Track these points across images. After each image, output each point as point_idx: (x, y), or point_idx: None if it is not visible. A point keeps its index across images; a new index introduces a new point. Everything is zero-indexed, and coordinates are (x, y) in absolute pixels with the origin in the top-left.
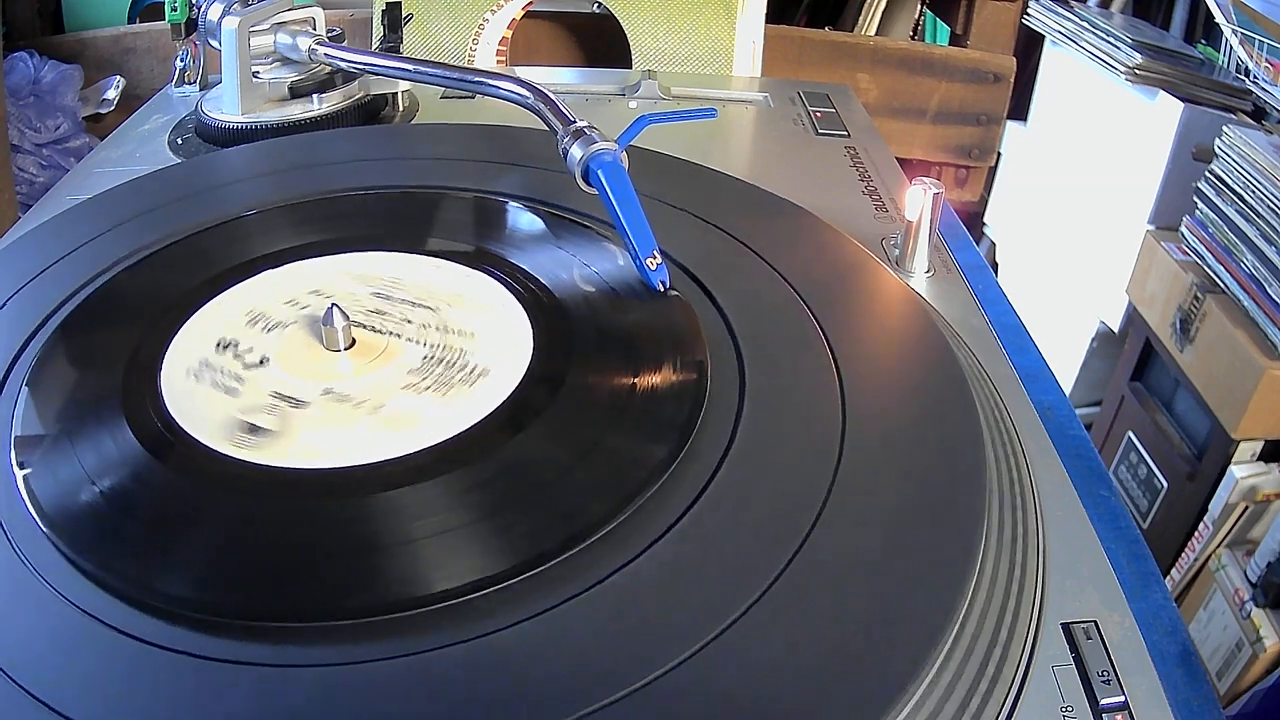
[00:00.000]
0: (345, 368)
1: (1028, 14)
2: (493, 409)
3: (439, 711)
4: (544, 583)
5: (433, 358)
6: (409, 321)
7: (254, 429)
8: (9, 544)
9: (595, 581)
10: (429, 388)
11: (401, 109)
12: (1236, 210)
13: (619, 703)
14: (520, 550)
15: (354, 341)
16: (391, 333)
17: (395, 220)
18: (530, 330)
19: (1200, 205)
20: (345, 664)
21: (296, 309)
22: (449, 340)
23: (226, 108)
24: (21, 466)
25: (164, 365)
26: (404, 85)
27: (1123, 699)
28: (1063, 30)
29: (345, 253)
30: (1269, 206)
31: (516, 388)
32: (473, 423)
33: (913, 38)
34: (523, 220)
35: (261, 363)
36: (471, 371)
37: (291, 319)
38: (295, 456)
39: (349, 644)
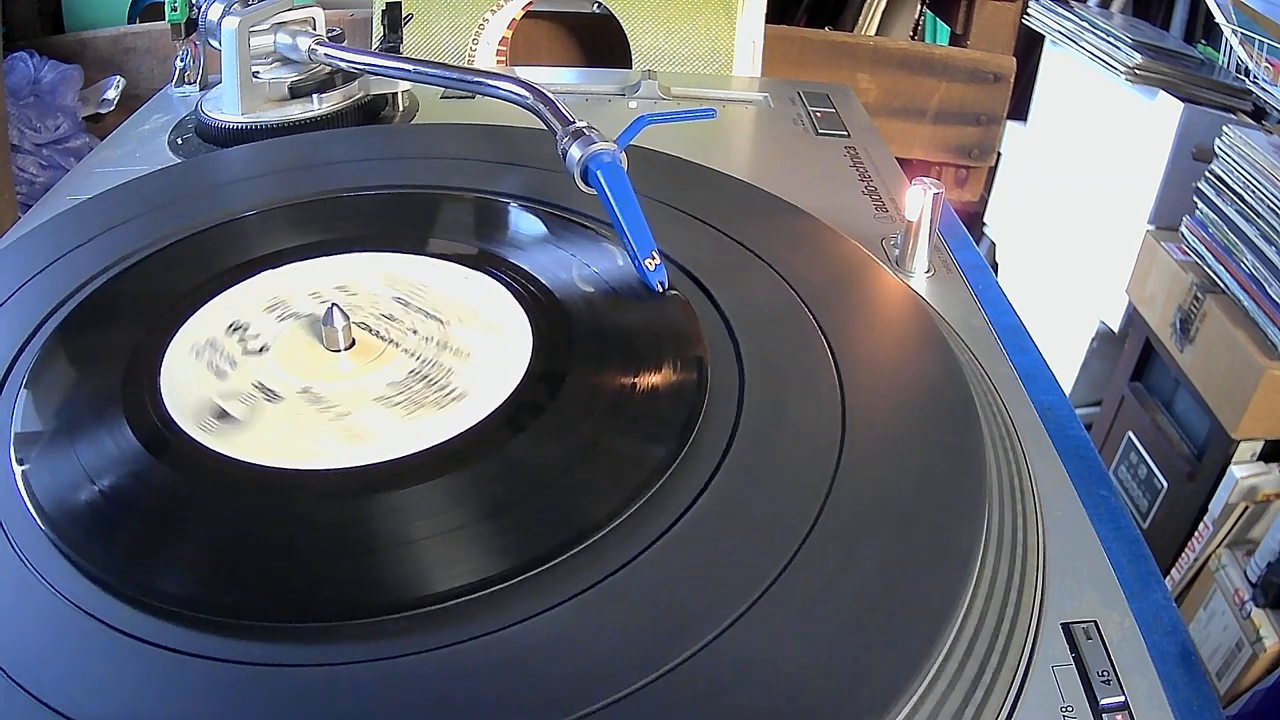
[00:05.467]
0: (334, 369)
1: (1028, 14)
2: (447, 438)
3: (438, 711)
4: (543, 584)
5: (418, 373)
6: (414, 331)
7: (223, 415)
8: (8, 543)
9: (593, 583)
10: (399, 404)
11: (401, 109)
12: (1236, 210)
13: (618, 703)
14: (519, 552)
15: (354, 342)
16: (392, 340)
17: (429, 224)
18: (530, 347)
19: (1200, 205)
20: (345, 664)
21: (317, 301)
22: (442, 357)
23: (226, 108)
24: (20, 464)
25: (166, 357)
26: (404, 85)
27: (1123, 699)
28: (1063, 30)
29: (380, 251)
30: (1269, 206)
31: (491, 413)
32: (418, 449)
33: (913, 38)
34: (538, 226)
35: (260, 350)
36: (448, 394)
37: (308, 311)
38: (246, 450)
39: (349, 644)
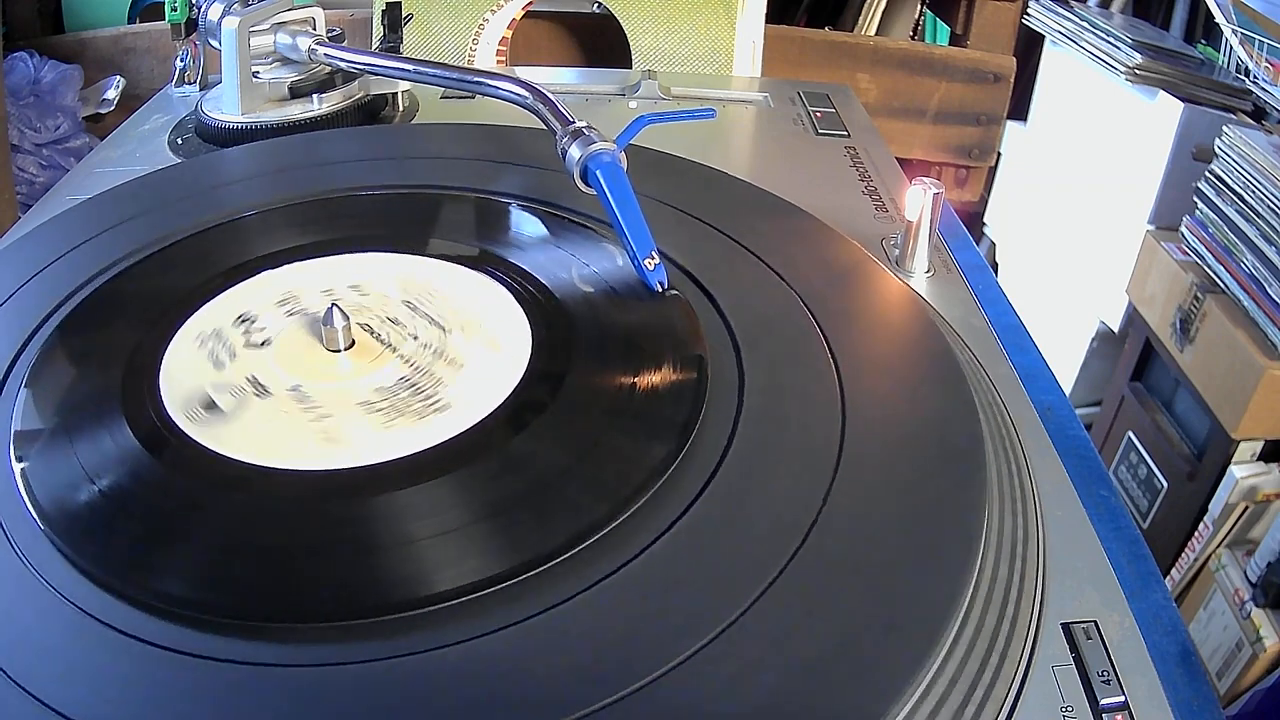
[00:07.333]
0: (328, 369)
1: (1028, 14)
2: (446, 437)
3: (438, 711)
4: (542, 584)
5: (408, 380)
6: (415, 337)
7: (211, 406)
8: (8, 543)
9: (593, 582)
10: (380, 410)
11: (401, 109)
12: (1236, 210)
13: (617, 703)
14: (520, 551)
15: (353, 343)
16: (391, 345)
17: (433, 225)
18: (530, 348)
19: (1200, 205)
20: (345, 664)
21: (326, 299)
22: (435, 367)
23: (226, 108)
24: (20, 463)
25: (168, 355)
26: (404, 85)
27: (1123, 699)
28: (1063, 30)
29: (386, 252)
30: (1269, 206)
31: (487, 414)
32: (389, 458)
33: (913, 38)
34: (541, 227)
35: (262, 345)
36: (430, 404)
37: (315, 309)
38: (224, 443)
39: (349, 644)
